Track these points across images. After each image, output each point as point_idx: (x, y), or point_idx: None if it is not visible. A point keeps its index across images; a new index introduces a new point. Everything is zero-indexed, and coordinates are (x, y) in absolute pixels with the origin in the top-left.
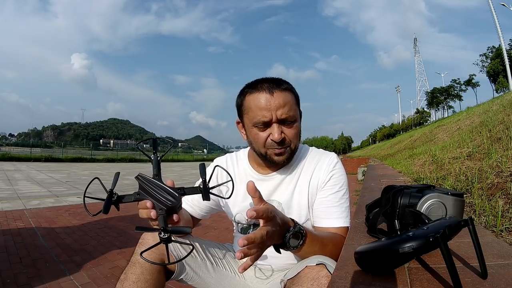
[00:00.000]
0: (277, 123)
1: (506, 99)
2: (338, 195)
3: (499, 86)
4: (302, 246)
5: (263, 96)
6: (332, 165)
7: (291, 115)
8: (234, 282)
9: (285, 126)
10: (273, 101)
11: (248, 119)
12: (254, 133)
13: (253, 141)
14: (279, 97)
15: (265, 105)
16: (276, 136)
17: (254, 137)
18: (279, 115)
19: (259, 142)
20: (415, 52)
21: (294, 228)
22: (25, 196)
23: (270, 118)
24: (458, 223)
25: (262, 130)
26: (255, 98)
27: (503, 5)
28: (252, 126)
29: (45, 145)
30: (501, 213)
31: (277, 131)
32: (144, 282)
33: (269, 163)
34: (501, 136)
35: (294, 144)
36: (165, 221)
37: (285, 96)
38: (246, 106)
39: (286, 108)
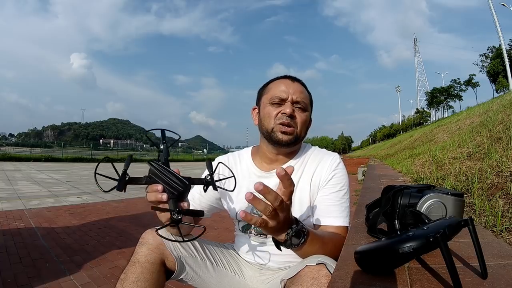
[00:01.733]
0: (291, 103)
1: (506, 99)
2: (339, 195)
3: (499, 86)
4: (303, 245)
5: (285, 81)
6: (335, 165)
7: (305, 102)
8: (234, 281)
9: (297, 109)
10: (293, 86)
11: (266, 97)
12: (268, 109)
13: (264, 117)
14: (298, 85)
15: (285, 87)
16: (287, 110)
17: (266, 113)
18: (295, 98)
19: (270, 117)
20: (415, 52)
21: (296, 226)
22: (25, 196)
23: (286, 96)
24: (458, 223)
25: (276, 107)
26: (278, 82)
27: (503, 5)
28: (267, 103)
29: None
30: (501, 213)
31: (290, 106)
32: (144, 282)
33: (273, 143)
34: (501, 136)
35: (300, 131)
36: (175, 204)
37: (304, 89)
38: (268, 88)
39: (302, 94)
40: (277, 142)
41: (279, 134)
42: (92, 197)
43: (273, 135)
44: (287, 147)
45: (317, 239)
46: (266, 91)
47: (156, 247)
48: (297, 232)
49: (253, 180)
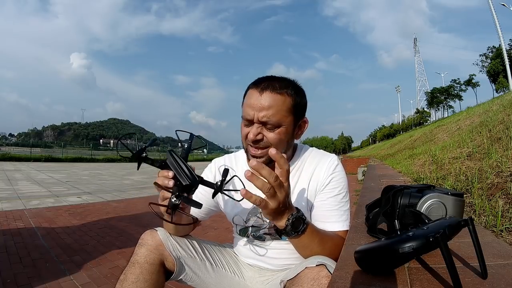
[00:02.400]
0: (258, 123)
1: (506, 99)
2: (338, 198)
3: (499, 86)
4: (303, 234)
5: (254, 94)
6: (333, 168)
7: (274, 120)
8: (233, 282)
9: (266, 129)
10: (260, 101)
11: (242, 112)
12: (242, 127)
13: (241, 134)
14: (266, 98)
15: (251, 103)
16: (250, 136)
17: (241, 130)
18: (260, 117)
19: (242, 136)
20: (415, 52)
21: (297, 213)
22: (25, 196)
23: (252, 117)
24: (458, 223)
25: (247, 126)
26: (249, 94)
27: (503, 5)
28: (242, 120)
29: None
30: (501, 213)
31: (254, 131)
32: (144, 282)
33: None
34: (501, 136)
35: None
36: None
37: (275, 99)
38: (244, 100)
39: (270, 111)
40: None
41: (250, 156)
42: (92, 197)
43: (248, 155)
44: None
45: (317, 233)
46: (243, 103)
47: (156, 248)
48: (297, 219)
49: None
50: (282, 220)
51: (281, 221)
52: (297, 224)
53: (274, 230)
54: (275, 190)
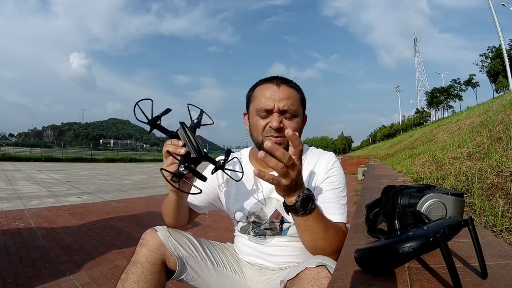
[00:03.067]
0: (278, 113)
1: (506, 99)
2: (336, 192)
3: (499, 86)
4: (310, 213)
5: (270, 87)
6: (331, 164)
7: (293, 109)
8: (234, 281)
9: (285, 118)
10: (278, 92)
11: (253, 107)
12: (255, 120)
13: (253, 129)
14: (284, 91)
15: (270, 95)
16: (274, 124)
17: (254, 124)
18: (281, 106)
19: (258, 130)
20: (415, 52)
21: (308, 192)
22: (25, 196)
23: (272, 107)
24: (458, 223)
25: (263, 118)
26: (263, 88)
27: (503, 5)
28: (255, 114)
29: (45, 145)
30: (501, 213)
31: (276, 119)
32: (145, 282)
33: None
34: (501, 136)
35: None
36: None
37: (290, 91)
38: (254, 95)
39: (289, 101)
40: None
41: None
42: (92, 197)
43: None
44: None
45: (322, 218)
46: (252, 98)
47: (157, 247)
48: (307, 197)
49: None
50: (293, 196)
51: (292, 197)
52: (307, 202)
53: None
54: (288, 169)
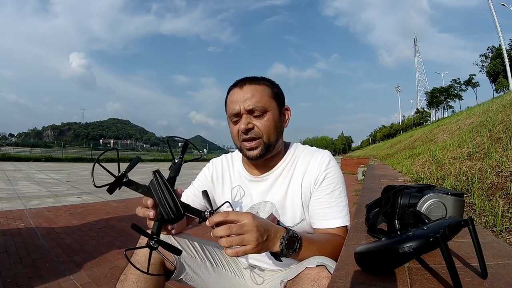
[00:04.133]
0: (246, 114)
1: (506, 99)
2: (334, 195)
3: (499, 86)
4: (300, 250)
5: (234, 91)
6: (325, 164)
7: (260, 105)
8: (233, 282)
9: (254, 118)
10: (242, 93)
11: (227, 114)
12: (231, 127)
13: (231, 135)
14: (247, 90)
15: (234, 98)
16: (242, 126)
17: (230, 131)
18: (246, 106)
19: (234, 136)
20: (415, 52)
21: (287, 233)
22: (25, 196)
23: (238, 110)
24: (458, 223)
25: (235, 123)
26: (230, 94)
27: (503, 5)
28: (229, 121)
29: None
30: (501, 213)
31: (244, 121)
32: (144, 282)
33: (247, 159)
34: (501, 136)
35: (268, 137)
36: (158, 229)
37: (255, 88)
38: (226, 103)
39: (254, 99)
40: (250, 159)
41: (246, 152)
42: (92, 197)
43: (243, 153)
44: (261, 159)
45: (313, 243)
46: (226, 106)
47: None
48: (290, 239)
49: (245, 184)
50: (275, 245)
51: (274, 246)
52: (291, 243)
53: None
54: (239, 235)
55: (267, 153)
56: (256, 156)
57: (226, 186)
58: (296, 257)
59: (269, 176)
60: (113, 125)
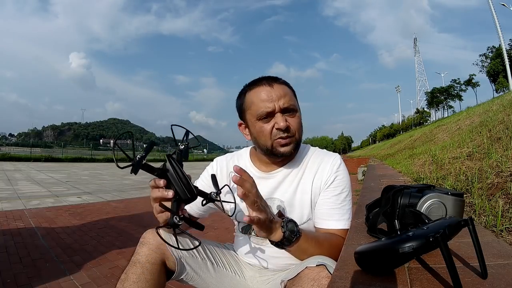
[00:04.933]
0: (280, 113)
1: (506, 99)
2: (341, 197)
3: (499, 86)
4: (299, 239)
5: (263, 89)
6: (336, 166)
7: (292, 104)
8: (234, 282)
9: (288, 116)
10: (274, 92)
11: (251, 114)
12: (259, 126)
13: (258, 135)
14: (278, 88)
15: (267, 97)
16: (281, 124)
17: (259, 131)
18: (282, 104)
19: (264, 135)
20: (415, 52)
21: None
22: (25, 196)
23: (273, 108)
24: (458, 223)
25: (267, 122)
26: (256, 92)
27: (503, 5)
28: (256, 120)
29: (45, 145)
30: (501, 213)
31: (282, 119)
32: (145, 282)
33: (276, 157)
34: (501, 136)
35: (299, 135)
36: (178, 208)
37: (284, 88)
38: (248, 102)
39: (287, 97)
40: (281, 156)
41: (280, 148)
42: (92, 197)
43: (274, 150)
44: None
45: (311, 238)
46: (247, 105)
47: (157, 247)
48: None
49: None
50: (278, 230)
51: (277, 231)
52: (291, 227)
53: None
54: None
55: (296, 150)
56: (289, 152)
57: (231, 184)
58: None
59: (278, 173)
60: (113, 125)
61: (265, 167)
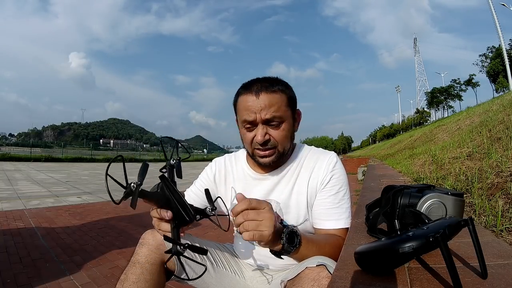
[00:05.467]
0: (262, 124)
1: (506, 99)
2: (338, 196)
3: (499, 86)
4: (300, 247)
5: (249, 98)
6: (332, 165)
7: (277, 116)
8: (234, 282)
9: (271, 127)
10: (258, 102)
11: (239, 119)
12: (243, 132)
13: (242, 139)
14: (264, 99)
15: (250, 106)
16: (258, 138)
17: (242, 136)
18: (263, 116)
19: (246, 142)
20: (415, 52)
21: (287, 229)
22: (25, 196)
23: (254, 118)
24: (458, 223)
25: (249, 130)
26: (243, 99)
27: (503, 5)
28: (241, 126)
29: (45, 145)
30: (501, 213)
31: (261, 132)
32: (144, 282)
33: (257, 164)
34: (501, 136)
35: (283, 146)
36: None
37: (272, 97)
38: (237, 106)
39: (271, 109)
40: (259, 164)
41: (259, 158)
42: (92, 197)
43: (254, 158)
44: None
45: (312, 242)
46: (237, 109)
47: (157, 247)
48: (290, 234)
49: (248, 182)
50: (277, 242)
51: (276, 243)
52: (291, 238)
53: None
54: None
55: (279, 160)
56: (268, 163)
57: (229, 185)
58: (297, 254)
59: (274, 174)
60: (113, 125)
61: (261, 168)
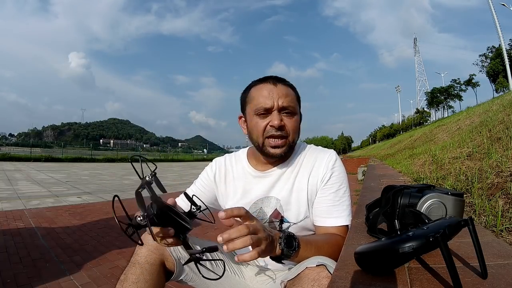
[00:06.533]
0: (277, 111)
1: (506, 99)
2: (339, 194)
3: (499, 86)
4: (299, 250)
5: (267, 86)
6: (332, 163)
7: (292, 105)
8: (234, 282)
9: (285, 116)
10: (276, 90)
11: (251, 108)
12: (255, 121)
13: (252, 130)
14: (281, 88)
15: (268, 94)
16: (275, 122)
17: (254, 125)
18: (281, 103)
19: (258, 131)
20: (415, 52)
21: (283, 234)
22: (25, 196)
23: (271, 105)
24: (458, 223)
25: (263, 118)
26: (259, 88)
27: (503, 5)
28: (253, 115)
29: (45, 145)
30: (501, 213)
31: (277, 117)
32: (144, 283)
33: (266, 156)
34: (501, 136)
35: (293, 138)
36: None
37: (287, 89)
38: (250, 96)
39: (288, 98)
40: (269, 156)
41: (270, 149)
42: (92, 197)
43: (264, 149)
44: (280, 158)
45: (310, 243)
46: (249, 99)
47: (156, 248)
48: (288, 238)
49: (248, 180)
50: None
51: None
52: (289, 242)
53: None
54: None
55: (288, 153)
56: (279, 155)
57: (229, 184)
58: (296, 257)
59: (274, 172)
60: (113, 125)
61: (262, 166)
